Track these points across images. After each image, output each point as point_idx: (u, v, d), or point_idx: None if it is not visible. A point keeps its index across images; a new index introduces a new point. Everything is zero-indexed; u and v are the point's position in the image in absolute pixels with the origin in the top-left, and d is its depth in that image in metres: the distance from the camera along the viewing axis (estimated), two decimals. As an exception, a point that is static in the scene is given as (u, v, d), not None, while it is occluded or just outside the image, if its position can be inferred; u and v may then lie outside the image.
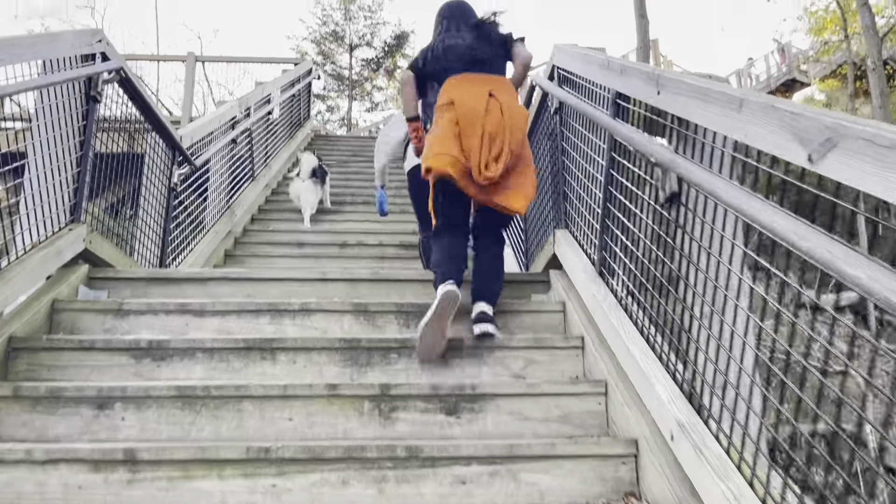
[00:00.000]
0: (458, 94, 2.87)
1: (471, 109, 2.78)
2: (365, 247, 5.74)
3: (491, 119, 2.77)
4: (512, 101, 2.90)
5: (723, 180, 1.48)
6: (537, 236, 3.95)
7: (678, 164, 1.73)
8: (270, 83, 7.68)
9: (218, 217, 5.51)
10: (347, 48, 16.43)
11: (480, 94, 2.84)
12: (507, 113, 2.81)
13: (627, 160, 2.42)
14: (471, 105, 2.79)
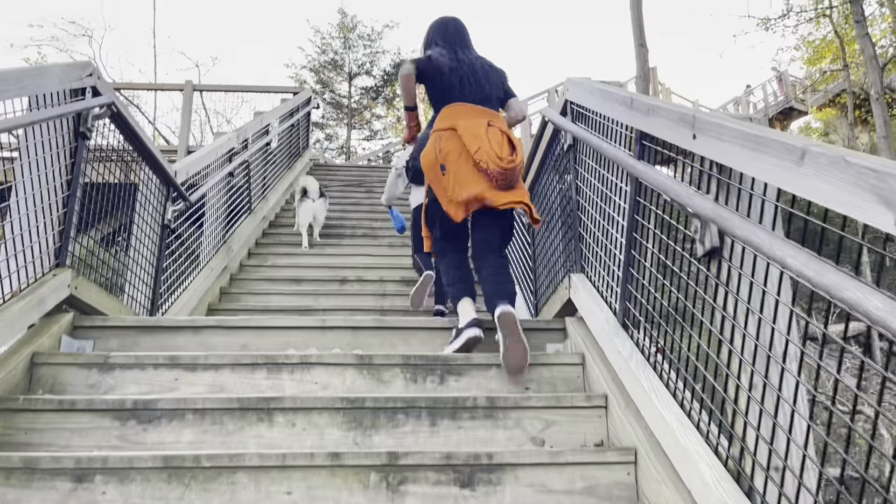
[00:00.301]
0: (462, 121, 3.05)
1: (474, 134, 2.98)
2: (365, 283, 5.54)
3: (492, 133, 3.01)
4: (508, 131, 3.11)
5: (787, 243, 1.30)
6: (548, 277, 3.76)
7: (723, 218, 1.55)
8: (269, 113, 7.54)
9: (213, 253, 5.31)
10: (346, 77, 16.37)
11: (481, 123, 3.04)
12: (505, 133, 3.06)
13: (655, 205, 2.24)
14: (472, 132, 2.99)
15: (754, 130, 1.57)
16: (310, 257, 6.15)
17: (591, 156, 2.99)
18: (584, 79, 3.19)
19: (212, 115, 14.87)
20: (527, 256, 4.46)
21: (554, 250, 3.66)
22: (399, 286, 5.52)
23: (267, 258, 6.10)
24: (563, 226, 3.50)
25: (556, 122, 3.34)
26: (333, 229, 7.04)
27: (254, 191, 6.72)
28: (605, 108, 2.73)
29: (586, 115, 3.11)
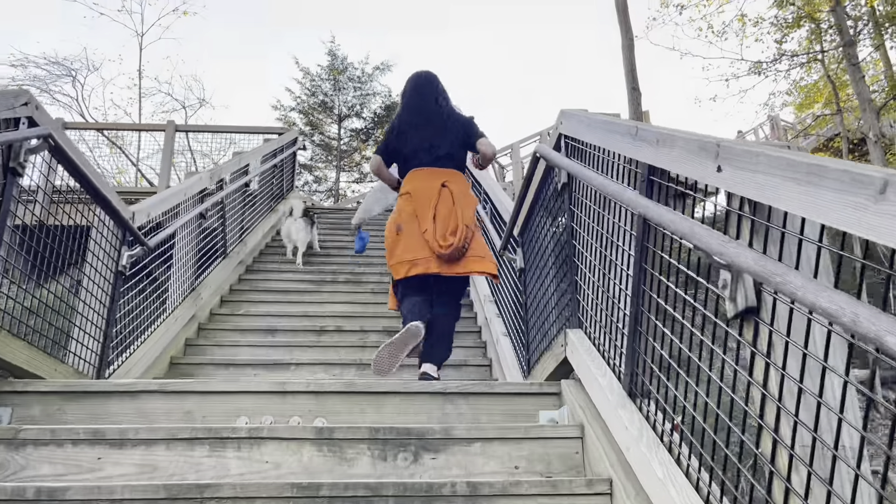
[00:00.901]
0: (415, 185, 3.49)
1: (426, 198, 3.39)
2: (344, 333, 5.14)
3: (443, 204, 3.39)
4: (463, 189, 3.55)
5: (883, 315, 0.92)
6: (541, 331, 3.38)
7: (773, 274, 1.17)
8: (249, 153, 7.22)
9: (180, 300, 4.91)
10: (336, 118, 16.15)
11: (434, 187, 3.44)
12: (457, 200, 3.42)
13: (669, 252, 1.88)
14: (426, 195, 3.40)
15: (805, 159, 1.21)
16: (286, 305, 5.75)
17: (590, 195, 2.64)
18: (579, 110, 2.86)
19: (198, 157, 14.56)
20: (517, 304, 4.08)
21: (548, 301, 3.29)
22: (381, 336, 5.11)
23: (240, 306, 5.70)
24: (557, 274, 3.13)
25: (548, 158, 3.00)
26: (314, 274, 6.66)
27: (229, 234, 6.35)
28: (605, 141, 2.39)
29: (583, 150, 2.77)
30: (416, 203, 3.42)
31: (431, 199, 3.39)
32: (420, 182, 3.50)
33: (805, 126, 23.39)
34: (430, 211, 3.37)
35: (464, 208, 3.44)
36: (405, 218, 3.45)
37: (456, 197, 3.45)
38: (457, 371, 4.53)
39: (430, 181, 3.49)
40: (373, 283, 6.40)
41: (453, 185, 3.51)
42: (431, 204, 3.39)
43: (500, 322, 4.71)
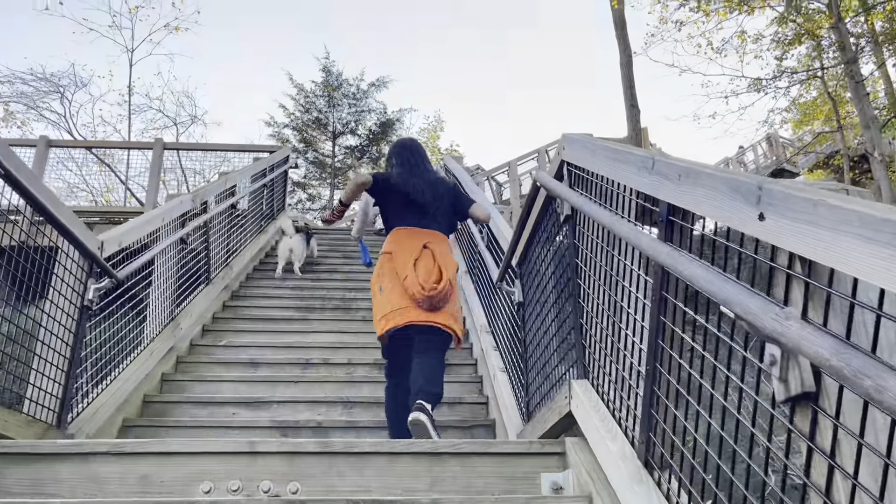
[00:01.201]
0: (398, 246, 3.53)
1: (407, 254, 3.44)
2: (332, 367, 4.85)
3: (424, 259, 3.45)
4: (444, 250, 3.60)
5: None
6: (542, 374, 3.10)
7: (854, 370, 0.90)
8: (236, 173, 6.96)
9: (157, 332, 4.63)
10: (331, 135, 15.90)
11: (416, 245, 3.49)
12: (438, 258, 3.48)
13: (695, 308, 1.60)
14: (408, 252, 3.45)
15: (886, 214, 0.94)
16: (272, 335, 5.46)
17: (596, 231, 2.37)
18: (583, 136, 2.60)
19: (190, 174, 14.30)
20: (516, 339, 3.80)
21: (549, 341, 3.01)
22: (370, 371, 4.83)
23: (223, 336, 5.41)
24: (559, 313, 2.86)
25: (549, 188, 2.73)
26: (303, 300, 6.38)
27: (214, 258, 6.07)
28: (615, 172, 2.12)
29: (588, 180, 2.50)
30: (397, 261, 3.47)
31: (413, 254, 3.45)
32: (402, 242, 3.56)
33: (803, 143, 23.28)
34: (410, 262, 3.41)
35: (446, 266, 3.48)
36: (386, 277, 3.49)
37: (437, 256, 3.50)
38: (451, 409, 4.24)
39: (412, 240, 3.55)
40: (363, 311, 6.11)
41: (435, 245, 3.57)
42: (412, 257, 3.44)
43: (497, 356, 4.42)
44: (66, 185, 12.76)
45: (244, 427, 3.86)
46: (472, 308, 5.57)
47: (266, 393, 4.42)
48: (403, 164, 3.75)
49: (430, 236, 3.61)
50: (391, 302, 3.37)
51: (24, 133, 15.65)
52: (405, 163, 3.76)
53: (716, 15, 15.51)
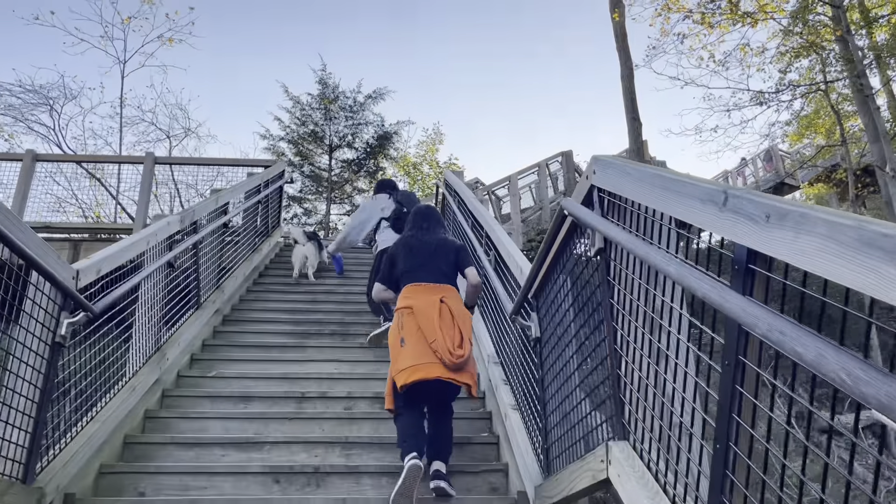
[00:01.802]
0: (415, 301, 3.74)
1: (428, 314, 3.64)
2: (329, 401, 4.50)
3: (444, 319, 3.66)
4: (459, 306, 3.81)
5: None
6: (565, 424, 2.77)
7: None
8: (228, 191, 6.63)
9: (140, 365, 4.28)
10: (327, 149, 15.56)
11: (434, 301, 3.71)
12: (456, 315, 3.71)
13: (792, 386, 1.28)
14: (427, 311, 3.66)
15: None
16: (265, 364, 5.12)
17: (640, 271, 2.05)
18: (618, 160, 2.28)
19: (183, 188, 13.97)
20: (531, 378, 3.47)
21: (574, 388, 2.68)
22: (371, 406, 4.49)
23: (213, 366, 5.06)
24: (588, 358, 2.53)
25: (578, 217, 2.41)
26: (298, 325, 6.04)
27: (204, 281, 5.73)
28: (666, 204, 1.80)
29: (623, 209, 2.19)
30: (420, 318, 3.66)
31: (434, 315, 3.66)
32: (420, 298, 3.77)
33: (803, 157, 23.07)
34: (435, 324, 3.61)
35: (464, 323, 3.73)
36: (408, 331, 3.66)
37: (455, 313, 3.73)
38: (459, 451, 3.91)
39: (428, 296, 3.78)
40: (362, 337, 5.77)
41: (450, 301, 3.80)
42: (435, 318, 3.64)
43: (507, 391, 4.09)
44: (55, 199, 12.43)
45: (233, 473, 3.52)
46: (480, 337, 5.24)
47: (258, 431, 4.08)
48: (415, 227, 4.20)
49: (443, 291, 3.84)
50: (416, 356, 3.54)
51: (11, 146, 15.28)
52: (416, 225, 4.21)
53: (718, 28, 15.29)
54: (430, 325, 3.60)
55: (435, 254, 3.98)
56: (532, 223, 13.97)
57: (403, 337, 3.65)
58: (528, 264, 3.83)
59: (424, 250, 4.00)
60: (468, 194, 6.96)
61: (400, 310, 3.79)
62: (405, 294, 3.85)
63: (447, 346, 3.52)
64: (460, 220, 6.98)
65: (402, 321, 3.71)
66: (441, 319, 3.64)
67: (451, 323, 3.67)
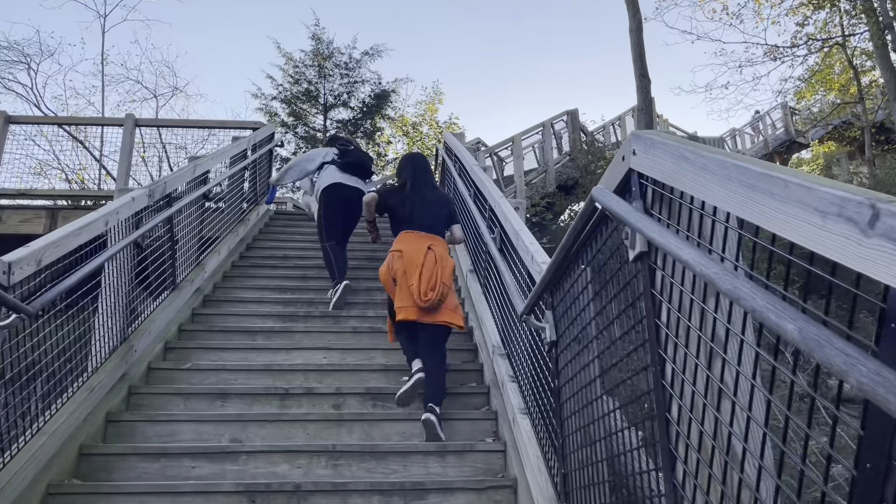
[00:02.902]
0: (406, 246, 4.21)
1: (414, 259, 4.11)
2: (316, 398, 4.03)
3: (427, 264, 4.09)
4: (444, 253, 4.26)
5: None
6: (590, 449, 2.29)
7: None
8: (209, 158, 6.06)
9: (103, 360, 3.81)
10: (322, 108, 14.86)
11: (422, 248, 4.18)
12: (439, 261, 4.14)
13: None
14: (414, 257, 4.12)
15: None
16: (247, 353, 4.64)
17: (704, 292, 1.54)
18: (671, 138, 1.75)
19: (172, 151, 13.35)
20: (544, 384, 2.99)
21: (599, 412, 2.19)
22: (363, 403, 4.02)
23: (189, 356, 4.58)
24: (624, 378, 2.04)
25: (614, 212, 1.86)
26: (287, 305, 5.55)
27: (181, 259, 5.23)
28: (747, 209, 1.27)
29: (678, 205, 1.67)
30: (406, 263, 4.10)
31: (419, 260, 4.09)
32: (410, 244, 4.24)
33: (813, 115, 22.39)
34: (416, 270, 4.05)
35: (444, 269, 4.12)
36: (398, 274, 4.12)
37: (438, 258, 4.16)
38: (460, 460, 3.45)
39: (418, 243, 4.25)
40: (355, 320, 5.29)
41: (437, 247, 4.25)
42: (418, 264, 4.07)
43: (516, 391, 3.61)
44: (36, 163, 11.84)
45: (202, 493, 3.06)
46: (483, 320, 4.76)
47: (236, 437, 3.63)
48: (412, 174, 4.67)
49: (432, 239, 4.32)
50: (401, 298, 4.04)
51: (-12, 107, 14.58)
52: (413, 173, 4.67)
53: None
54: (413, 270, 4.05)
55: (431, 206, 4.47)
56: (536, 186, 13.41)
57: (395, 278, 4.14)
58: (539, 249, 3.32)
59: (420, 202, 4.45)
60: (470, 160, 6.41)
61: (392, 252, 4.25)
62: (399, 239, 4.32)
63: (420, 291, 3.96)
64: (461, 189, 6.44)
65: (393, 263, 4.18)
66: (425, 266, 4.06)
67: (432, 268, 4.07)
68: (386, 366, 4.43)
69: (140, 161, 13.50)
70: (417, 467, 3.44)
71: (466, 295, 5.64)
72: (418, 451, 3.48)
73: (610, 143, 16.65)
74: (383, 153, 15.63)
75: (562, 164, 14.36)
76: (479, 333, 4.85)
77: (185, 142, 12.77)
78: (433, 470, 3.43)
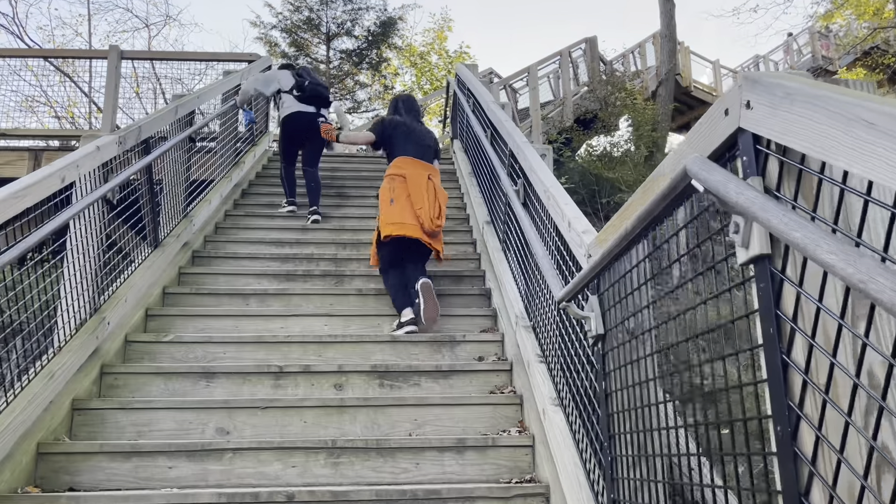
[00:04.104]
0: (408, 171, 4.44)
1: (419, 185, 4.36)
2: (314, 377, 3.53)
3: (429, 193, 4.36)
4: (439, 184, 4.56)
5: None
6: (650, 493, 1.76)
7: None
8: (194, 96, 5.43)
9: (68, 338, 3.31)
10: (324, 38, 13.97)
11: (423, 175, 4.45)
12: (438, 191, 4.46)
13: None
14: (418, 182, 4.38)
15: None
16: (237, 320, 4.13)
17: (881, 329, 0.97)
18: (812, 84, 1.15)
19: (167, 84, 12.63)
20: (587, 391, 2.46)
21: (668, 447, 1.65)
22: (368, 384, 3.52)
23: (172, 324, 4.08)
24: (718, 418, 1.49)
25: (722, 195, 1.26)
26: (284, 262, 5.02)
27: (164, 213, 4.68)
28: None
29: (823, 186, 1.09)
30: (411, 186, 4.30)
31: (423, 186, 4.32)
32: (412, 169, 4.43)
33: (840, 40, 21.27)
34: (422, 196, 4.27)
35: (442, 201, 4.43)
36: (399, 195, 4.30)
37: (437, 190, 4.43)
38: (481, 456, 2.97)
39: (419, 170, 4.44)
40: (362, 277, 4.76)
41: (435, 178, 4.52)
42: (423, 190, 4.29)
43: (544, 373, 3.09)
44: (22, 98, 11.18)
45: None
46: (503, 282, 4.22)
47: (221, 426, 3.15)
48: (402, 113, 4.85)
49: (430, 169, 4.55)
50: (403, 216, 4.21)
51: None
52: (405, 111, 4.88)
53: None
54: (420, 194, 4.28)
55: (423, 139, 4.72)
56: (553, 120, 12.65)
57: (393, 198, 4.30)
58: (578, 215, 2.73)
59: (415, 134, 4.69)
60: (487, 97, 5.76)
61: (392, 175, 4.43)
62: (398, 164, 4.49)
63: (430, 215, 4.24)
64: (475, 128, 5.81)
65: (394, 185, 4.35)
66: (427, 192, 4.30)
67: (434, 197, 4.34)
68: (395, 338, 3.91)
69: (134, 97, 12.81)
70: (431, 465, 2.96)
71: (483, 249, 5.08)
72: (432, 447, 2.99)
73: (630, 72, 15.71)
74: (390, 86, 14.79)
75: (579, 97, 13.54)
76: (497, 297, 4.31)
77: (182, 74, 12.07)
78: (450, 469, 2.95)
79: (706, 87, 20.21)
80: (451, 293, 4.52)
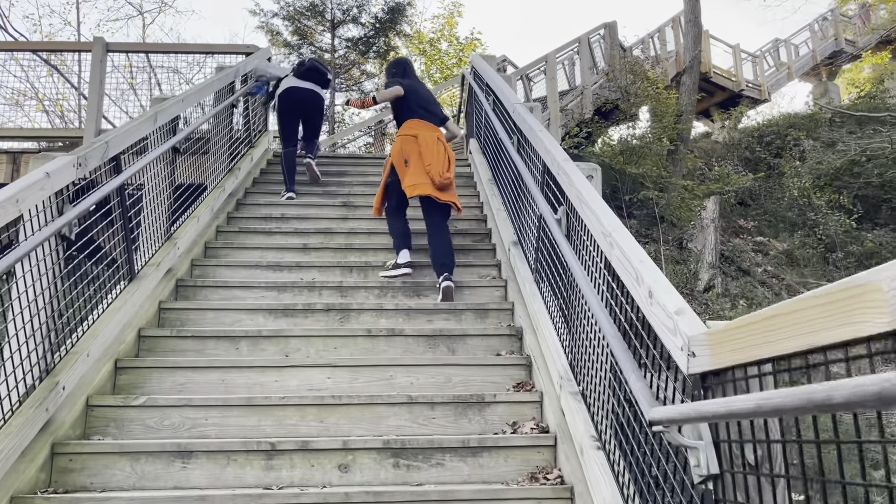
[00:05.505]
0: (420, 133, 4.69)
1: (429, 143, 4.62)
2: (313, 454, 2.87)
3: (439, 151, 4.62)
4: (448, 144, 4.81)
5: None
6: None
7: None
8: (176, 100, 4.73)
9: (9, 413, 2.66)
10: (329, 25, 13.24)
11: (433, 136, 4.71)
12: (448, 151, 4.71)
13: None
14: (429, 142, 4.62)
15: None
16: (223, 373, 3.45)
17: None
18: None
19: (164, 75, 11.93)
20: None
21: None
22: (381, 464, 2.86)
23: (146, 381, 3.42)
24: None
25: None
26: (282, 292, 4.35)
27: (141, 239, 4.02)
28: None
29: None
30: (423, 145, 4.59)
31: (433, 144, 4.63)
32: (424, 130, 4.73)
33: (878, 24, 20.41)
34: (433, 152, 4.57)
35: (452, 157, 4.72)
36: (412, 155, 4.59)
37: (447, 149, 4.73)
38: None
39: (430, 131, 4.77)
40: (368, 315, 4.08)
41: (443, 139, 4.81)
42: (434, 147, 4.61)
43: (602, 463, 2.43)
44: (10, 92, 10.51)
45: None
46: (537, 321, 3.55)
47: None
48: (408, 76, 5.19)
49: (438, 131, 4.86)
50: (416, 176, 4.49)
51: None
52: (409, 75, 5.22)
53: None
54: (430, 150, 4.54)
55: (429, 103, 5.04)
56: (572, 112, 11.90)
57: (407, 159, 4.57)
58: (659, 279, 2.05)
59: (422, 98, 5.00)
60: (511, 97, 5.07)
61: (405, 136, 4.70)
62: (410, 125, 4.77)
63: (439, 170, 4.47)
64: (498, 130, 5.13)
65: (407, 147, 4.62)
66: (436, 149, 4.58)
67: (444, 154, 4.62)
68: (411, 398, 3.24)
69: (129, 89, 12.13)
70: None
71: (510, 276, 4.40)
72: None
73: (650, 58, 14.90)
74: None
75: (598, 86, 12.77)
76: (531, 340, 3.64)
77: (179, 65, 11.36)
78: None
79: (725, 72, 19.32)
80: (474, 333, 3.86)
